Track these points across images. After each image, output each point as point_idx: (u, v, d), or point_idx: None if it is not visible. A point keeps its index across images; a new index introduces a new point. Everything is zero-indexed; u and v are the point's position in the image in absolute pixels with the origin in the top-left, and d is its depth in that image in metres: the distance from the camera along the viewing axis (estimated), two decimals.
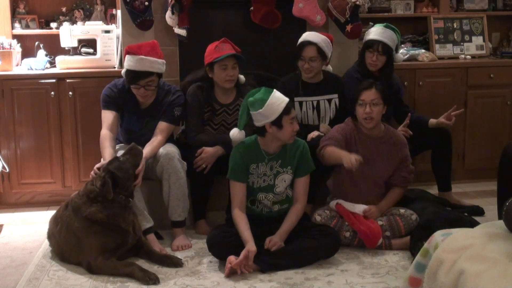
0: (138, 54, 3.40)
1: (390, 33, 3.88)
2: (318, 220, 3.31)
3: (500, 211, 2.49)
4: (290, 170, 3.22)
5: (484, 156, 4.58)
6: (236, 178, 3.17)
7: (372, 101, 3.33)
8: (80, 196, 3.12)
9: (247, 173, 3.19)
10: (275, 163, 3.21)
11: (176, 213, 3.43)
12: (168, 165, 3.37)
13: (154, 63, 3.42)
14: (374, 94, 3.35)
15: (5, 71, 4.08)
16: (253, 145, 3.21)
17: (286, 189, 3.25)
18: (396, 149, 3.46)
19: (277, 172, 3.21)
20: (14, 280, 3.00)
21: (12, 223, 3.86)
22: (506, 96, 4.62)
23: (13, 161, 4.07)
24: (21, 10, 4.48)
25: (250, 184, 3.21)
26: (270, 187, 3.22)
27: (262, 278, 2.97)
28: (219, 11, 4.20)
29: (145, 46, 3.45)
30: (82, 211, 3.06)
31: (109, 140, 3.41)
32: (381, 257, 3.22)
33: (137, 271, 2.95)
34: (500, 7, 5.10)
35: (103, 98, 3.55)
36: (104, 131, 3.46)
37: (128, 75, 3.44)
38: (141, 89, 3.45)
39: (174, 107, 3.53)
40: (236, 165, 3.18)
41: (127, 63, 3.43)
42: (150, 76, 3.43)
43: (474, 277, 1.96)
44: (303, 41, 3.72)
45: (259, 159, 3.19)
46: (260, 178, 3.21)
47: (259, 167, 3.20)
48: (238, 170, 3.17)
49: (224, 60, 3.49)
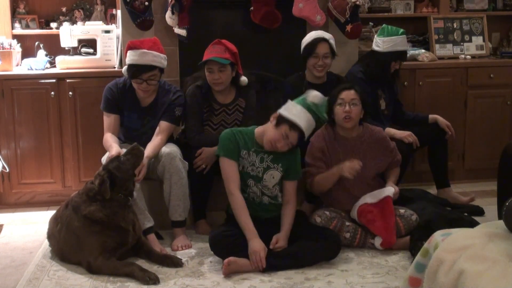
0: (141, 48, 3.42)
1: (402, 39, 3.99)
2: (318, 221, 3.30)
3: (500, 211, 2.50)
4: (280, 167, 3.20)
5: (484, 156, 4.58)
6: (226, 154, 3.14)
7: (352, 101, 3.33)
8: (80, 195, 3.13)
9: (238, 155, 3.17)
10: (266, 156, 3.18)
11: (177, 213, 3.43)
12: (170, 165, 3.37)
13: (157, 57, 3.44)
14: (353, 95, 3.35)
15: (5, 71, 4.08)
16: (248, 133, 3.21)
17: (275, 188, 3.22)
18: (380, 145, 3.45)
19: (267, 167, 3.18)
20: (14, 280, 3.00)
21: (12, 223, 3.86)
22: (506, 96, 4.62)
23: (13, 161, 4.08)
24: (21, 10, 4.48)
25: (240, 168, 3.18)
26: (258, 178, 3.19)
27: (262, 278, 2.97)
28: (219, 11, 4.20)
29: (147, 41, 3.48)
30: (82, 210, 3.06)
31: (112, 138, 3.47)
32: (381, 257, 3.22)
33: (137, 271, 2.95)
34: (500, 7, 5.10)
35: (104, 100, 3.57)
36: (107, 133, 3.53)
37: (131, 70, 3.45)
38: (143, 84, 3.46)
39: (175, 107, 3.53)
40: (227, 141, 3.15)
41: (129, 58, 3.44)
42: (153, 70, 3.44)
43: (474, 277, 1.96)
44: (316, 38, 3.75)
45: (250, 147, 3.18)
46: (249, 166, 3.18)
47: (250, 155, 3.18)
48: (229, 147, 3.14)
49: (209, 63, 3.50)
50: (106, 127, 3.56)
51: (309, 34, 3.83)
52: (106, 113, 3.57)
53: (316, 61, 3.72)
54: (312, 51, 3.74)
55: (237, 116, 3.67)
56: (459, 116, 4.55)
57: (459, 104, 4.55)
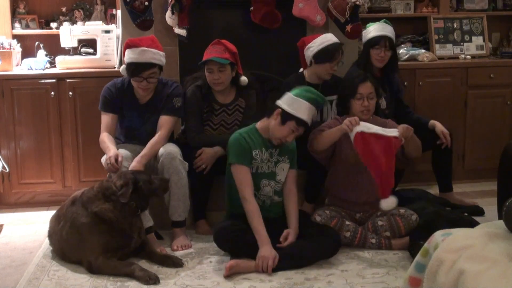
0: (140, 46, 3.42)
1: (390, 28, 3.93)
2: (318, 220, 3.31)
3: (500, 211, 2.50)
4: (287, 159, 3.26)
5: (484, 156, 4.58)
6: (241, 162, 3.13)
7: (370, 95, 3.37)
8: (95, 192, 3.12)
9: (250, 158, 3.18)
10: (274, 151, 3.23)
11: (177, 213, 3.43)
12: (170, 165, 3.37)
13: (156, 54, 3.45)
14: (370, 88, 3.38)
15: (5, 71, 4.08)
16: (252, 132, 3.23)
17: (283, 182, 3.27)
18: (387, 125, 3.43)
19: (277, 160, 3.24)
20: (14, 280, 3.00)
21: (12, 223, 3.86)
22: (506, 96, 4.62)
23: (13, 161, 4.07)
24: (21, 10, 4.48)
25: (254, 170, 3.19)
26: (272, 174, 3.23)
27: (262, 278, 2.97)
28: (219, 11, 4.20)
29: (145, 39, 3.49)
30: (94, 206, 3.06)
31: (109, 139, 3.44)
32: (381, 257, 3.22)
33: (137, 271, 2.95)
34: (500, 7, 5.10)
35: (102, 99, 3.57)
36: (103, 133, 3.50)
37: (130, 68, 3.45)
38: (143, 82, 3.45)
39: (172, 98, 3.53)
40: (241, 147, 3.15)
41: (128, 56, 3.44)
42: (152, 68, 3.44)
43: (474, 277, 1.97)
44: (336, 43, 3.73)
45: (261, 145, 3.20)
46: (264, 164, 3.21)
47: (263, 152, 3.20)
48: (243, 153, 3.14)
49: (209, 63, 3.49)
50: (103, 126, 3.53)
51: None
52: (104, 112, 3.57)
53: (333, 66, 3.72)
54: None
55: (237, 116, 3.67)
56: (459, 116, 4.55)
57: (459, 104, 4.55)
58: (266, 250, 3.01)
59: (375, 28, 3.91)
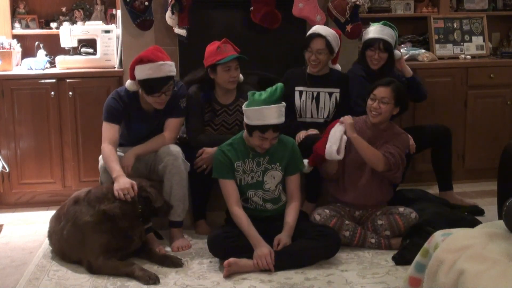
0: (156, 61, 3.29)
1: (389, 30, 3.90)
2: (318, 220, 3.31)
3: (500, 211, 2.49)
4: (279, 167, 3.23)
5: (484, 156, 4.58)
6: (222, 176, 3.20)
7: (382, 99, 3.36)
8: (105, 191, 3.13)
9: (232, 171, 3.20)
10: (262, 160, 3.22)
11: (176, 213, 3.42)
12: (172, 166, 3.36)
13: (171, 66, 3.37)
14: (386, 93, 3.36)
15: (5, 71, 4.08)
16: (237, 142, 3.24)
17: (277, 188, 3.25)
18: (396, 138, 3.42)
19: (266, 169, 3.23)
20: (14, 280, 3.01)
21: (12, 223, 3.86)
22: (506, 96, 4.62)
23: (13, 161, 4.07)
24: (21, 10, 4.48)
25: (238, 182, 3.22)
26: (259, 183, 3.23)
27: (262, 278, 2.97)
28: (219, 11, 4.20)
29: (155, 52, 3.34)
30: (103, 204, 3.06)
31: (115, 157, 3.27)
32: (381, 257, 3.22)
33: (137, 271, 2.95)
34: (500, 7, 5.10)
35: (108, 109, 3.40)
36: (107, 146, 3.31)
37: (149, 85, 3.29)
38: (162, 96, 3.35)
39: (179, 99, 3.50)
40: (219, 163, 3.21)
41: (144, 72, 3.27)
42: (170, 80, 3.36)
43: (474, 277, 1.96)
44: (312, 33, 3.74)
45: (244, 155, 3.21)
46: (247, 175, 3.22)
47: (246, 163, 3.21)
48: (222, 167, 3.20)
49: (228, 62, 3.48)
50: (107, 138, 3.34)
51: (312, 28, 3.83)
52: (109, 123, 3.38)
53: (310, 56, 3.72)
54: (306, 45, 3.75)
55: (238, 116, 3.67)
56: (459, 116, 4.55)
57: (459, 104, 4.55)
58: (261, 249, 3.03)
59: (373, 30, 3.91)
